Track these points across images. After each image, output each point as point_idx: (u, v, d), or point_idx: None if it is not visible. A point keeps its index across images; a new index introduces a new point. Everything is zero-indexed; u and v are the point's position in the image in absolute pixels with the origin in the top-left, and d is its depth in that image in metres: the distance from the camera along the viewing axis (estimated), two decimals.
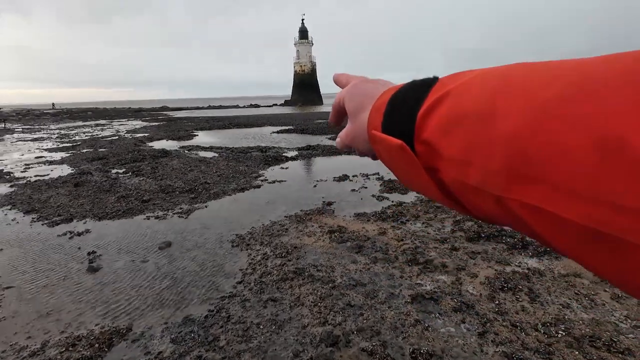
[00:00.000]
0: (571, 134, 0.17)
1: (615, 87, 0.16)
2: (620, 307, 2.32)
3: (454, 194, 0.26)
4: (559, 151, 0.17)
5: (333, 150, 9.42)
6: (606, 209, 0.16)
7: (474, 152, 0.22)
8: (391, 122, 0.30)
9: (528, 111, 0.19)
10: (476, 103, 0.23)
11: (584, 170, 0.16)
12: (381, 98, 0.33)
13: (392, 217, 4.23)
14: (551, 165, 0.18)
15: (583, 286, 2.58)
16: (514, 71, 0.23)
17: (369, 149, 0.38)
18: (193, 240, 3.80)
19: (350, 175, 6.61)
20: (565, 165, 0.17)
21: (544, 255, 3.10)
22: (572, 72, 0.19)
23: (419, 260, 3.07)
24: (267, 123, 19.83)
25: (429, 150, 0.26)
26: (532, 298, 2.45)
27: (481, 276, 2.77)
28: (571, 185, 0.17)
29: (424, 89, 0.28)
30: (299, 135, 13.95)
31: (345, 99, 0.41)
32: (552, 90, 0.19)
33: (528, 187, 0.19)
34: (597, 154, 0.16)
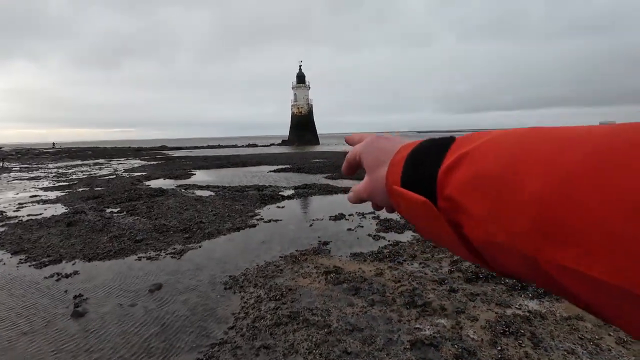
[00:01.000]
0: (605, 202, 0.18)
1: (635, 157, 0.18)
2: (626, 352, 2.24)
3: (478, 249, 0.26)
4: (593, 218, 0.18)
5: (329, 189, 9.49)
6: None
7: (500, 212, 0.23)
8: (411, 177, 0.30)
9: (552, 177, 0.20)
10: (497, 165, 0.24)
11: (622, 237, 0.17)
12: (399, 153, 0.34)
13: (389, 257, 4.17)
14: (586, 231, 0.18)
15: (587, 330, 2.50)
16: (531, 136, 0.24)
17: (386, 202, 0.39)
18: (185, 283, 3.69)
19: (347, 214, 6.61)
20: (601, 231, 0.18)
21: (544, 297, 3.03)
22: (587, 141, 0.20)
23: (417, 302, 2.98)
24: (264, 162, 20.12)
25: (452, 206, 0.26)
26: (535, 343, 2.36)
27: (482, 319, 2.68)
28: (609, 249, 0.17)
29: (442, 148, 0.29)
30: (296, 174, 14.11)
31: (362, 154, 0.42)
32: (574, 157, 0.20)
33: (562, 249, 0.19)
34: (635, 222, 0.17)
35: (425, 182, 0.29)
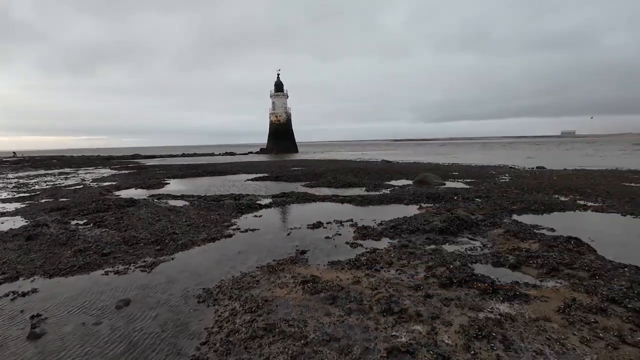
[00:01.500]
0: None
1: None
2: (590, 350, 2.34)
3: None
4: None
5: (307, 197, 9.46)
6: None
7: None
8: None
9: None
10: None
11: None
12: None
13: (366, 265, 4.18)
14: None
15: (553, 330, 2.59)
16: None
17: None
18: (155, 297, 3.52)
19: (325, 222, 6.60)
20: None
21: (514, 299, 3.13)
22: None
23: (393, 309, 2.99)
24: (242, 171, 19.84)
25: None
26: (507, 346, 2.42)
27: (456, 324, 2.73)
28: None
29: None
30: (274, 182, 13.99)
31: None
32: None
33: None
34: None
35: None
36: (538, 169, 17.21)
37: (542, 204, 7.48)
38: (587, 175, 13.69)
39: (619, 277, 3.45)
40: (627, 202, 7.65)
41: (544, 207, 7.20)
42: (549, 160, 24.19)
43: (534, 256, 4.14)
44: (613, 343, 2.39)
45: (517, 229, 5.42)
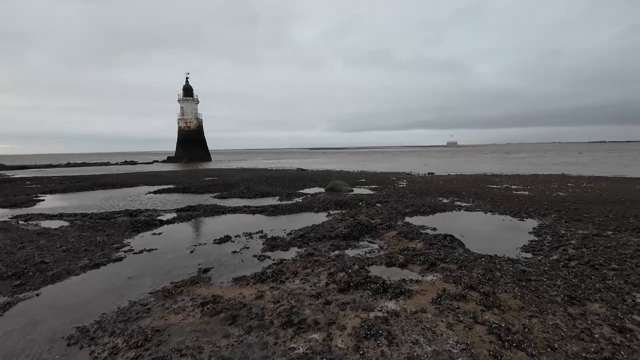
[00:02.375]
0: None
1: None
2: (452, 334, 2.77)
3: None
4: None
5: (217, 210, 9.01)
6: None
7: None
8: None
9: None
10: None
11: None
12: None
13: (272, 277, 4.17)
14: None
15: (427, 320, 2.99)
16: None
17: None
18: (7, 347, 2.86)
19: (233, 235, 6.37)
20: None
21: (400, 295, 3.52)
22: None
23: (293, 321, 3.05)
24: (143, 182, 17.80)
25: None
26: (390, 341, 2.70)
27: (349, 327, 2.92)
28: None
29: None
30: (181, 194, 12.93)
31: None
32: None
33: None
34: None
35: None
36: (429, 175, 19.88)
37: (428, 206, 8.65)
38: (464, 179, 16.39)
39: (478, 266, 4.20)
40: (489, 202, 9.41)
41: (429, 209, 8.34)
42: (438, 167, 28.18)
43: (418, 254, 4.74)
44: (469, 324, 2.88)
45: (407, 230, 6.13)
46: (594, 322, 2.89)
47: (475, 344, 2.60)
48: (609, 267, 4.18)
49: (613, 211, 7.60)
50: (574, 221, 6.80)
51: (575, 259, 4.50)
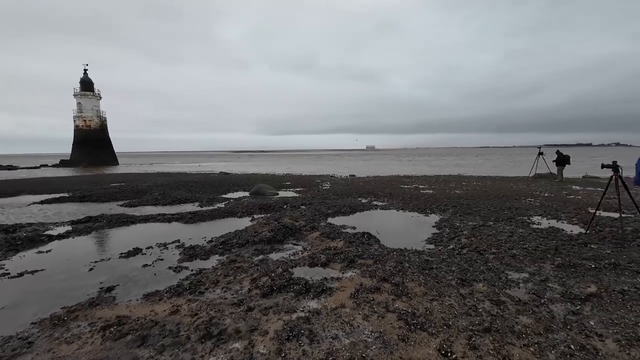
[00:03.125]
0: None
1: None
2: (368, 324, 2.99)
3: None
4: None
5: (124, 219, 8.04)
6: None
7: None
8: None
9: None
10: None
11: None
12: None
13: (190, 289, 3.91)
14: None
15: (346, 314, 3.17)
16: None
17: None
18: None
19: (144, 247, 5.77)
20: None
21: (321, 294, 3.65)
22: None
23: (213, 332, 2.91)
24: (27, 190, 14.86)
25: None
26: (311, 339, 2.78)
27: (271, 331, 2.91)
28: None
29: None
30: (78, 204, 11.16)
31: None
32: None
33: None
34: None
35: None
36: (350, 177, 21.04)
37: (349, 206, 9.16)
38: (380, 180, 17.80)
39: (390, 259, 4.62)
40: (400, 201, 10.42)
41: (350, 209, 8.84)
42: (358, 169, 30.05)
43: (339, 252, 4.99)
44: (382, 313, 3.15)
45: (329, 230, 6.40)
46: (479, 299, 3.44)
47: (387, 331, 2.86)
48: (490, 252, 5.03)
49: (494, 205, 9.15)
50: (466, 214, 7.98)
51: (466, 247, 5.29)
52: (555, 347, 2.60)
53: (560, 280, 3.90)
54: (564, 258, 4.64)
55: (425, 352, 2.56)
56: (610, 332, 2.81)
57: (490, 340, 2.69)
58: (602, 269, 4.22)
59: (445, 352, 2.54)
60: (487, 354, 2.52)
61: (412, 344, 2.67)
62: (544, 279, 3.96)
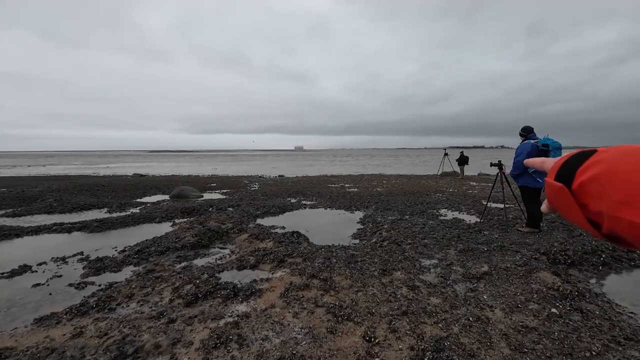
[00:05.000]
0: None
1: None
2: (298, 321, 3.04)
3: (595, 219, 0.40)
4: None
5: (6, 232, 6.65)
6: None
7: (605, 192, 0.38)
8: (559, 174, 0.45)
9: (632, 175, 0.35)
10: (615, 167, 0.38)
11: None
12: (558, 162, 0.48)
13: (97, 307, 3.44)
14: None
15: (276, 314, 3.17)
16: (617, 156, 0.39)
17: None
18: None
19: (35, 263, 4.88)
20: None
21: (250, 296, 3.57)
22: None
23: (127, 352, 2.61)
24: None
25: (582, 190, 0.41)
26: (240, 344, 2.70)
27: (197, 342, 2.75)
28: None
29: (585, 155, 0.43)
30: None
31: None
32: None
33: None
34: None
35: (567, 177, 0.44)
36: (279, 177, 20.98)
37: (278, 207, 9.14)
38: (309, 180, 18.17)
39: (319, 256, 4.76)
40: (328, 199, 10.80)
41: (279, 209, 8.83)
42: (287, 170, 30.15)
43: (269, 253, 4.95)
44: (311, 309, 3.23)
45: (258, 231, 6.29)
46: (397, 286, 3.78)
47: (316, 325, 2.94)
48: (406, 242, 5.56)
49: (409, 200, 10.14)
50: (386, 210, 8.68)
51: (387, 240, 5.75)
52: (458, 321, 3.01)
53: (461, 263, 4.52)
54: (464, 244, 5.39)
55: (352, 340, 2.72)
56: (497, 303, 3.37)
57: (407, 322, 2.99)
58: (492, 250, 5.02)
59: (369, 338, 2.73)
60: (405, 334, 2.80)
61: (340, 334, 2.81)
62: (449, 263, 4.55)
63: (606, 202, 0.37)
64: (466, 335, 2.80)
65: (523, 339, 2.74)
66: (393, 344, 2.67)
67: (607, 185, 0.37)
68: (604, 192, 0.38)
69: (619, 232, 0.37)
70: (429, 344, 2.65)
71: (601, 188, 0.38)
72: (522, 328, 2.91)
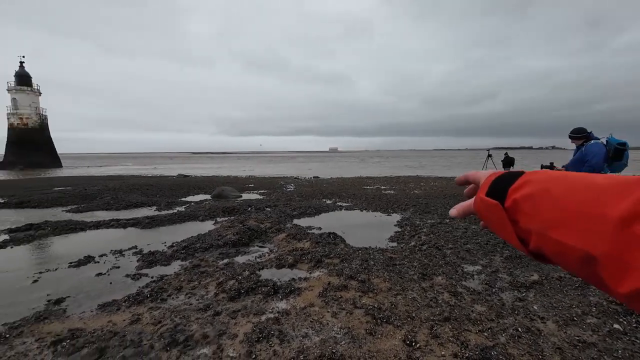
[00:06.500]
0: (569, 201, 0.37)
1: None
2: (337, 321, 3.07)
3: (523, 236, 0.42)
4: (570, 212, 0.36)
5: (73, 226, 7.40)
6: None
7: (537, 211, 0.39)
8: (492, 191, 0.47)
9: (557, 202, 0.38)
10: (541, 189, 0.40)
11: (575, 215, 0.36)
12: (489, 178, 0.50)
13: (151, 297, 3.72)
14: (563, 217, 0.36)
15: (315, 313, 3.22)
16: (558, 181, 0.40)
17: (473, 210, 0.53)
18: None
19: (97, 255, 5.38)
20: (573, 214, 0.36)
21: (290, 294, 3.67)
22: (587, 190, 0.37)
23: (178, 339, 2.81)
24: None
25: (514, 208, 0.43)
26: (282, 339, 2.79)
27: (240, 334, 2.88)
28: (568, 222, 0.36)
29: (515, 176, 0.46)
30: (15, 210, 10.08)
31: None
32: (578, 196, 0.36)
33: (557, 231, 0.37)
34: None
35: (500, 194, 0.45)
36: (314, 179, 21.19)
37: (314, 208, 9.25)
38: (343, 182, 18.16)
39: (356, 258, 4.76)
40: (364, 201, 10.72)
41: (315, 211, 8.93)
42: (321, 171, 30.36)
43: (306, 253, 5.04)
44: (350, 310, 3.24)
45: (295, 231, 6.42)
46: (438, 291, 3.68)
47: (355, 326, 2.95)
48: (447, 247, 5.37)
49: (449, 203, 9.75)
50: (425, 213, 8.43)
51: (426, 244, 5.60)
52: (505, 331, 2.86)
53: (508, 271, 4.28)
54: (512, 250, 5.09)
55: (392, 343, 2.69)
56: (550, 315, 3.15)
57: (450, 328, 2.90)
58: None
59: (410, 342, 2.69)
60: (447, 340, 2.71)
61: (379, 336, 2.79)
62: (494, 270, 4.33)
63: (537, 220, 0.40)
64: (515, 346, 2.65)
65: (580, 354, 2.54)
66: (435, 349, 2.61)
67: (540, 205, 0.40)
68: (536, 211, 0.40)
69: (545, 250, 0.39)
70: (474, 352, 2.55)
71: (534, 207, 0.41)
72: (578, 343, 2.70)
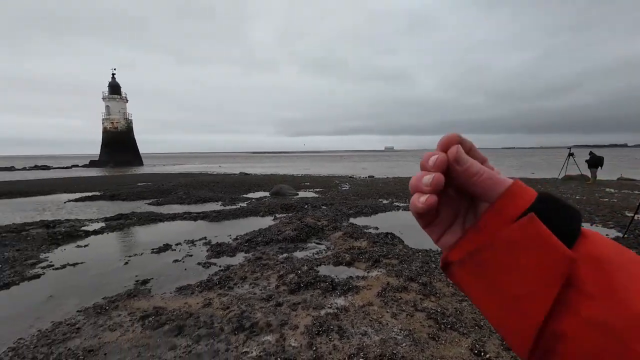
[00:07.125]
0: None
1: None
2: (397, 322, 3.00)
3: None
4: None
5: (153, 217, 8.36)
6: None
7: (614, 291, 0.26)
8: (552, 224, 0.29)
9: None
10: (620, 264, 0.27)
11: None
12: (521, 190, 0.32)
13: (219, 284, 4.04)
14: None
15: (374, 312, 3.20)
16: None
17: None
18: None
19: (173, 243, 6.00)
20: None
21: (348, 292, 3.68)
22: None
23: (245, 325, 3.01)
24: (61, 189, 15.68)
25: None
26: (341, 335, 2.82)
27: (301, 326, 2.98)
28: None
29: (573, 214, 0.30)
30: (109, 202, 11.70)
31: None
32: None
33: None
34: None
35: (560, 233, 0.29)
36: (369, 178, 20.93)
37: (370, 207, 9.14)
38: (400, 181, 17.61)
39: (416, 260, 4.60)
40: None
41: (371, 210, 8.82)
42: (377, 170, 29.83)
43: (363, 252, 5.01)
44: (410, 312, 3.15)
45: (352, 230, 6.42)
46: None
47: (417, 329, 2.86)
48: None
49: None
50: None
51: None
52: None
53: None
54: None
55: (458, 351, 2.55)
56: None
57: None
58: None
59: (478, 352, 2.52)
60: None
61: (443, 342, 2.66)
62: None
63: (603, 306, 0.28)
64: None
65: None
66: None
67: (619, 286, 0.27)
68: (612, 291, 0.27)
69: (572, 345, 0.27)
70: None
71: (608, 285, 0.27)
72: None
